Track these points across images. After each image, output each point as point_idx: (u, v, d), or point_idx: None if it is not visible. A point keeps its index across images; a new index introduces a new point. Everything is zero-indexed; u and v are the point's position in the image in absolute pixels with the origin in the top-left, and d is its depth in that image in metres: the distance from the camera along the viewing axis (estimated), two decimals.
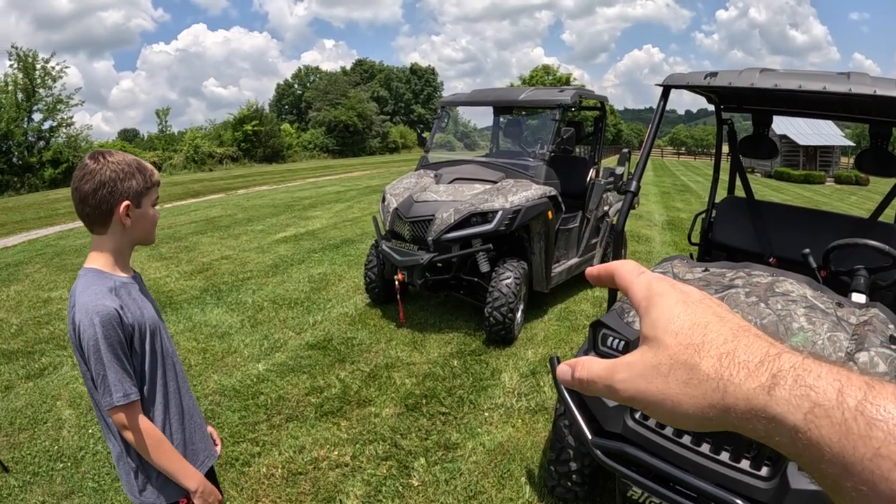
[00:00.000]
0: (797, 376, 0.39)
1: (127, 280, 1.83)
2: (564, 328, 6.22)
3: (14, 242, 11.86)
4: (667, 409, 0.45)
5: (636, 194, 3.55)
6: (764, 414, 0.39)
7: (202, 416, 2.12)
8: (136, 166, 1.77)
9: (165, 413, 1.88)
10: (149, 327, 1.82)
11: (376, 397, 4.69)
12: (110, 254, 1.80)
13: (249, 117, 46.30)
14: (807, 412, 0.37)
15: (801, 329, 2.60)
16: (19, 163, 31.93)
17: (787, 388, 0.39)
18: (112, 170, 1.71)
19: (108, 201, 1.71)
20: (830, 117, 4.58)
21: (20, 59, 32.75)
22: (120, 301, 1.73)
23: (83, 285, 1.72)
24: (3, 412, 4.49)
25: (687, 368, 0.44)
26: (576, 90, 6.85)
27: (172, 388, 1.92)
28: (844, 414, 0.36)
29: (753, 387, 0.40)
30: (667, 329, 0.47)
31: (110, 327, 1.66)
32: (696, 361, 0.43)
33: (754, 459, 2.35)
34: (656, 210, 16.20)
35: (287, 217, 14.13)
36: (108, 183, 1.70)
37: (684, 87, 3.65)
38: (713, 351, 0.43)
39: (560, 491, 3.30)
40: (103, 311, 1.65)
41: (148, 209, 1.82)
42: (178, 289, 7.75)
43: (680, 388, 0.44)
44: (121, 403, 1.67)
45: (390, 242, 6.06)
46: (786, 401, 0.38)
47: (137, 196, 1.76)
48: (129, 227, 1.77)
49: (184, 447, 1.93)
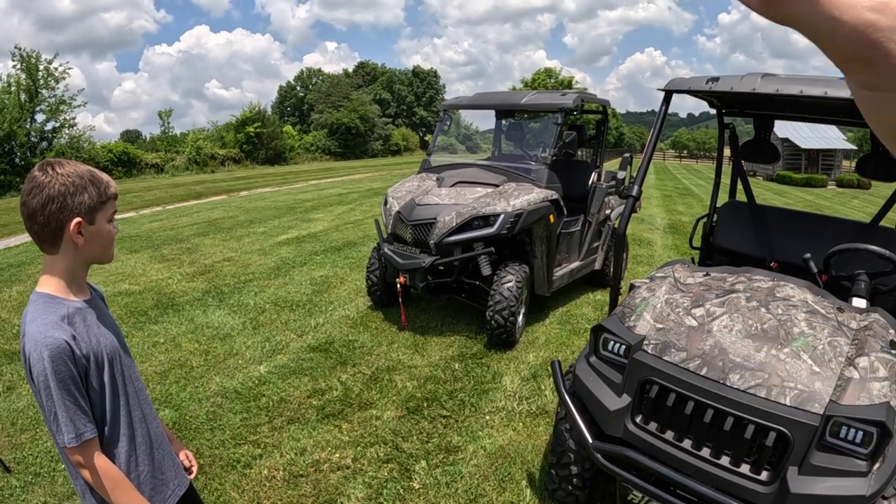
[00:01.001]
0: None
1: (81, 305, 1.69)
2: (566, 332, 6.23)
3: (16, 243, 11.85)
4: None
5: (637, 199, 3.56)
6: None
7: (170, 443, 1.99)
8: (88, 178, 1.62)
9: (131, 445, 1.75)
10: (106, 357, 1.68)
11: (378, 400, 4.69)
12: (63, 276, 1.66)
13: (252, 119, 46.25)
14: None
15: (802, 334, 2.61)
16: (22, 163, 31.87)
17: None
18: (62, 183, 1.57)
19: (58, 218, 1.57)
20: (832, 122, 4.59)
21: (23, 60, 32.74)
22: (73, 330, 1.60)
23: (33, 313, 1.59)
24: (5, 412, 4.50)
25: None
26: (578, 94, 6.86)
27: (137, 418, 1.79)
28: None
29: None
30: None
31: (60, 361, 1.52)
32: None
33: (754, 464, 2.36)
34: (658, 214, 16.19)
35: (289, 219, 14.15)
36: (58, 198, 1.56)
37: (686, 92, 3.66)
38: None
39: (561, 494, 3.30)
40: (53, 343, 1.52)
41: (103, 225, 1.67)
42: (179, 290, 7.76)
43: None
44: (72, 445, 1.55)
45: (392, 245, 6.07)
46: None
47: (90, 212, 1.62)
48: (81, 246, 1.63)
49: (152, 478, 1.82)
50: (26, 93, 33.15)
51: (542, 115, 8.06)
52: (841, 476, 2.19)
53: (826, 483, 2.19)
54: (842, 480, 2.18)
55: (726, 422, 2.38)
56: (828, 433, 2.25)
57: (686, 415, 2.50)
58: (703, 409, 2.46)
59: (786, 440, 2.27)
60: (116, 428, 1.71)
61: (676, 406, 2.55)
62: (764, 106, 4.22)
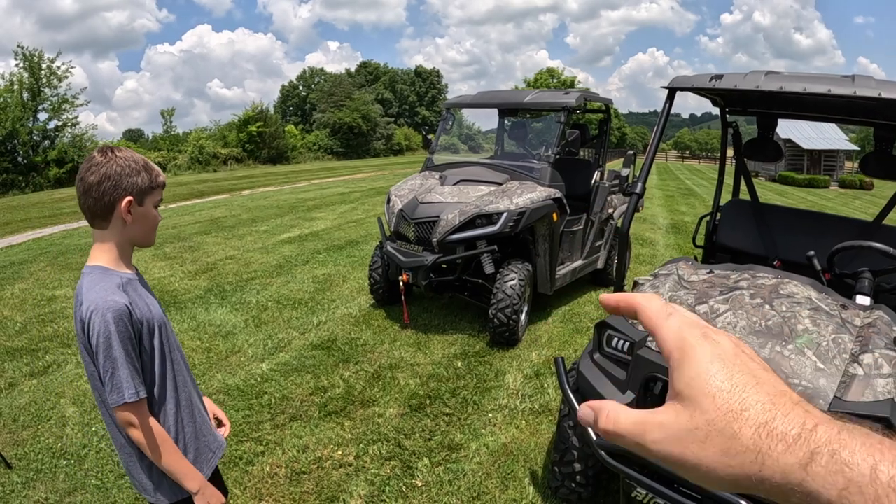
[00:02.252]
0: (833, 451, 0.39)
1: (131, 276, 1.81)
2: (568, 330, 6.22)
3: (19, 241, 11.89)
4: (701, 473, 0.44)
5: (641, 196, 3.55)
6: (800, 489, 0.40)
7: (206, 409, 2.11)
8: (142, 164, 1.75)
9: (177, 406, 1.87)
10: (156, 323, 1.80)
11: (380, 398, 4.69)
12: (112, 250, 1.77)
13: (254, 118, 46.35)
14: (841, 489, 0.38)
15: (806, 331, 2.60)
16: (24, 162, 31.97)
17: (823, 464, 0.39)
18: (119, 164, 1.69)
19: (111, 195, 1.69)
20: (835, 120, 4.58)
21: (26, 59, 32.81)
22: (128, 297, 1.71)
23: (90, 282, 1.70)
24: (7, 409, 4.51)
25: (725, 437, 0.43)
26: (581, 93, 6.86)
27: (181, 382, 1.90)
28: (878, 490, 0.37)
29: (791, 462, 0.40)
30: (704, 391, 0.45)
31: (122, 323, 1.64)
32: (735, 431, 0.43)
33: None
34: (660, 213, 16.18)
35: (291, 218, 14.16)
36: (113, 176, 1.68)
37: (690, 90, 3.66)
38: (752, 420, 0.43)
39: (564, 492, 3.30)
40: (115, 306, 1.63)
41: (150, 209, 1.80)
42: (182, 288, 7.77)
43: (717, 456, 0.43)
44: (132, 401, 1.64)
45: (395, 243, 6.07)
46: (822, 477, 0.39)
47: (141, 194, 1.74)
48: (129, 223, 1.75)
49: (196, 440, 1.92)
50: (29, 91, 33.22)
51: (545, 114, 8.05)
52: None
53: None
54: None
55: None
56: None
57: None
58: None
59: None
60: (164, 390, 1.83)
61: None
62: (767, 104, 4.21)
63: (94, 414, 4.38)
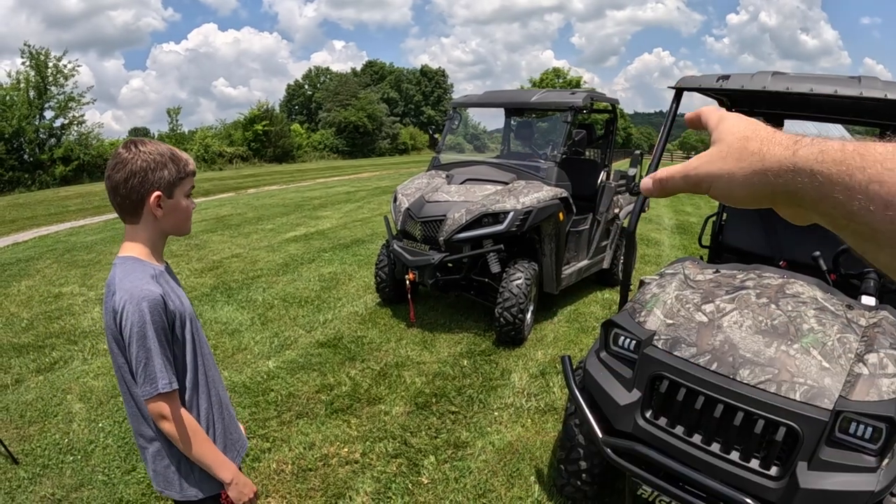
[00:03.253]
0: (813, 141, 0.54)
1: (163, 269, 1.81)
2: (574, 330, 6.23)
3: (25, 238, 11.94)
4: (725, 181, 0.60)
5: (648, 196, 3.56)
6: (791, 166, 0.54)
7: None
8: (168, 156, 1.73)
9: (209, 401, 1.87)
10: (188, 315, 1.80)
11: (386, 395, 4.71)
12: (145, 243, 1.77)
13: (260, 117, 46.33)
14: (818, 155, 0.52)
15: (812, 330, 2.61)
16: (31, 160, 32.00)
17: (806, 147, 0.53)
18: (143, 160, 1.68)
19: (139, 191, 1.68)
20: (842, 122, 4.57)
21: (32, 57, 32.87)
22: (162, 288, 1.71)
23: (123, 272, 1.69)
24: (14, 405, 4.54)
25: (740, 150, 0.59)
26: (587, 92, 6.86)
27: (212, 378, 1.91)
28: (845, 155, 0.50)
29: (782, 151, 0.55)
30: (729, 131, 0.62)
31: (157, 313, 1.64)
32: (746, 145, 0.59)
33: (764, 459, 2.36)
34: (665, 214, 16.15)
35: (297, 216, 14.18)
36: (139, 173, 1.67)
37: (696, 90, 3.67)
38: (758, 138, 0.58)
39: (569, 490, 3.31)
40: (150, 295, 1.64)
41: (181, 200, 1.79)
42: (188, 286, 7.79)
43: (734, 162, 0.59)
44: (166, 391, 1.64)
45: (401, 242, 6.08)
46: (804, 154, 0.53)
47: (169, 186, 1.73)
48: (160, 217, 1.74)
49: (224, 436, 1.93)
50: (35, 90, 33.26)
51: (551, 114, 8.05)
52: (850, 471, 2.19)
53: (835, 478, 2.19)
54: (851, 476, 2.19)
55: (736, 417, 2.39)
56: (837, 429, 2.26)
57: (696, 410, 2.50)
58: (713, 405, 2.46)
59: (795, 435, 2.27)
60: (196, 383, 1.83)
61: (686, 401, 2.55)
62: (774, 105, 4.21)
63: (101, 410, 4.41)
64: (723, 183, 0.60)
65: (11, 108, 31.42)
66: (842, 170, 0.50)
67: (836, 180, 0.50)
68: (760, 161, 0.56)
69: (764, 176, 0.56)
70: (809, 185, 0.53)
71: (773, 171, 0.55)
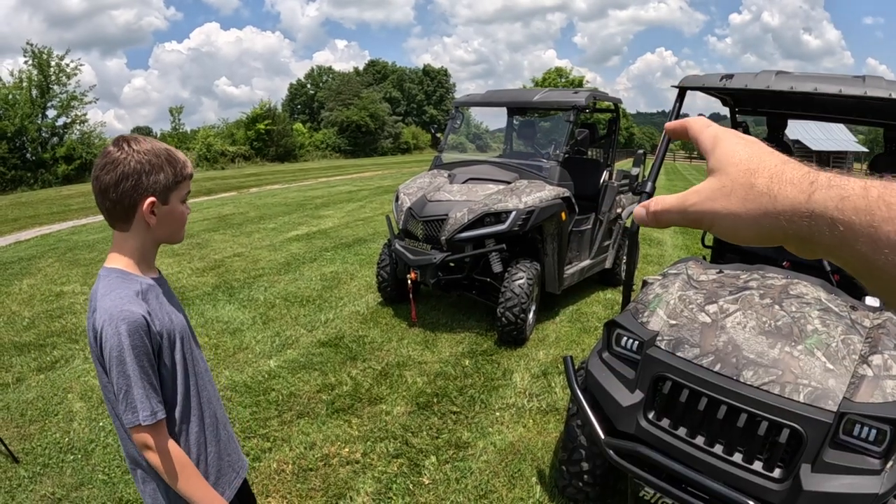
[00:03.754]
0: (830, 180, 0.49)
1: (152, 282, 1.65)
2: (576, 330, 6.21)
3: (27, 237, 11.95)
4: (729, 221, 0.55)
5: (651, 195, 3.54)
6: (806, 212, 0.49)
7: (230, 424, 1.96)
8: (165, 157, 1.55)
9: (201, 424, 1.71)
10: (178, 334, 1.64)
11: (387, 395, 4.70)
12: (134, 253, 1.60)
13: (262, 116, 46.44)
14: (838, 201, 0.47)
15: (816, 331, 2.60)
16: (33, 158, 32.08)
17: (823, 190, 0.48)
18: (137, 160, 1.49)
19: (132, 196, 1.50)
20: (845, 121, 4.56)
21: (35, 56, 32.93)
22: (148, 306, 1.55)
23: (106, 288, 1.53)
24: (15, 404, 4.53)
25: (746, 187, 0.53)
26: (590, 92, 6.85)
27: (206, 398, 1.75)
28: (869, 203, 0.45)
29: (796, 194, 0.50)
30: (729, 161, 0.56)
31: (137, 336, 1.47)
32: (753, 181, 0.53)
33: (767, 461, 2.34)
34: None
35: (299, 216, 14.19)
36: (133, 175, 1.49)
37: (700, 89, 3.65)
38: (765, 173, 0.53)
39: (571, 491, 3.29)
40: (130, 317, 1.47)
41: (176, 206, 1.61)
42: (190, 285, 7.80)
43: (740, 202, 0.53)
44: (147, 423, 1.48)
45: (403, 241, 6.06)
46: (821, 201, 0.48)
47: (165, 191, 1.55)
48: (153, 225, 1.57)
49: (218, 459, 1.77)
50: (38, 89, 33.34)
51: (553, 113, 8.04)
52: (854, 474, 2.18)
53: (839, 481, 2.18)
54: (855, 478, 2.17)
55: (739, 418, 2.37)
56: (841, 431, 2.24)
57: (699, 411, 2.49)
58: (716, 406, 2.45)
59: (799, 437, 2.26)
60: (188, 407, 1.67)
61: (689, 402, 2.54)
62: (777, 104, 4.20)
63: (102, 409, 4.40)
64: (727, 223, 0.55)
65: (14, 106, 31.50)
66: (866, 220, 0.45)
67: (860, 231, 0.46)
68: (771, 202, 0.51)
69: (776, 219, 0.51)
70: (828, 234, 0.48)
71: (785, 215, 0.51)
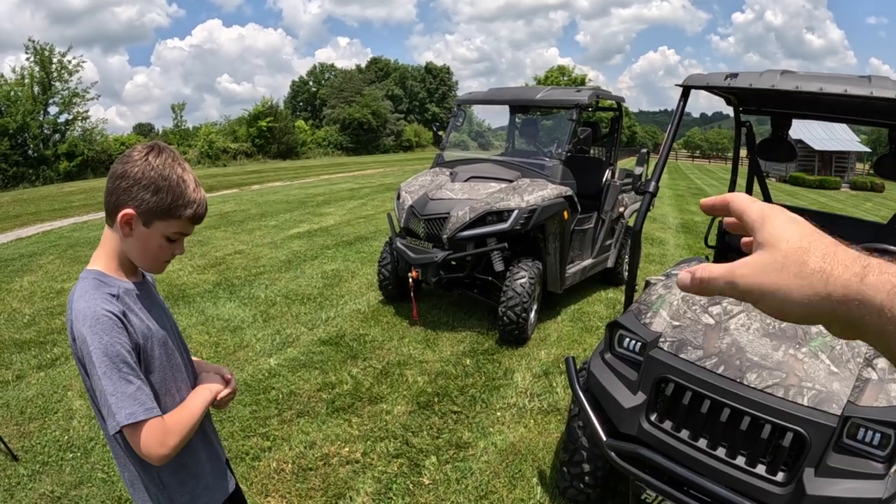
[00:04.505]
0: (882, 268, 0.51)
1: (131, 286, 1.56)
2: (578, 329, 6.19)
3: (28, 234, 11.93)
4: (779, 298, 0.55)
5: (655, 195, 3.51)
6: (857, 296, 0.50)
7: (218, 435, 1.87)
8: (172, 185, 1.49)
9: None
10: (157, 342, 1.56)
11: (388, 394, 4.68)
12: (115, 254, 1.54)
13: (264, 114, 46.45)
14: (889, 291, 0.49)
15: (820, 333, 2.58)
16: (35, 155, 32.19)
17: (875, 275, 0.50)
18: (143, 171, 1.46)
19: (119, 197, 1.47)
20: (850, 121, 4.52)
21: (37, 53, 32.99)
22: (123, 307, 1.48)
23: (81, 290, 1.48)
24: (15, 401, 4.52)
25: (798, 264, 0.55)
26: (593, 90, 6.82)
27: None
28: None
29: (849, 276, 0.51)
30: (780, 237, 0.57)
31: (108, 334, 1.40)
32: (805, 259, 0.55)
33: (770, 464, 2.32)
34: (671, 213, 16.12)
35: (300, 213, 14.16)
36: (130, 178, 1.45)
37: (704, 88, 3.62)
38: (818, 252, 0.54)
39: (572, 493, 3.28)
40: (104, 318, 1.41)
41: (156, 236, 1.52)
42: (190, 282, 7.78)
43: (791, 279, 0.54)
44: (131, 421, 1.39)
45: (405, 240, 6.05)
46: (874, 285, 0.50)
47: (148, 214, 1.48)
48: (127, 238, 1.51)
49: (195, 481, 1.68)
50: (40, 85, 33.44)
51: (556, 112, 8.01)
52: (857, 478, 2.16)
53: (842, 485, 2.16)
54: (858, 483, 2.15)
55: (743, 421, 2.35)
56: (845, 434, 2.22)
57: (702, 413, 2.47)
58: (719, 408, 2.43)
59: (803, 441, 2.24)
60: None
61: (692, 405, 2.52)
62: (781, 104, 4.17)
63: None
64: (776, 298, 0.56)
65: (16, 103, 31.59)
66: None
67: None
68: (823, 282, 0.53)
69: (826, 299, 0.52)
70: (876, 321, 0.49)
71: (836, 296, 0.52)
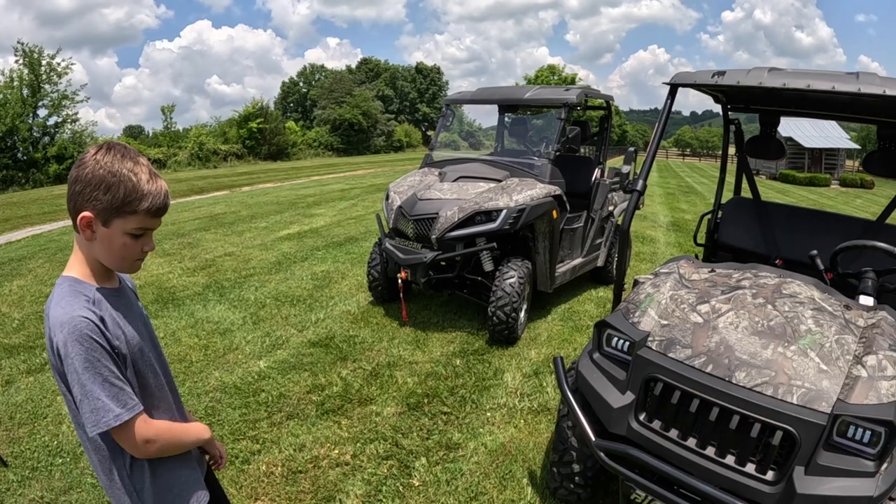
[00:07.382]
0: None
1: (107, 293, 1.55)
2: (568, 328, 6.19)
3: (18, 237, 11.86)
4: None
5: (642, 193, 3.51)
6: None
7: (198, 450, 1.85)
8: (124, 179, 1.45)
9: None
10: (133, 349, 1.55)
11: (378, 396, 4.66)
12: (88, 261, 1.53)
13: (254, 115, 46.37)
14: None
15: (809, 331, 2.57)
16: (24, 158, 32.03)
17: None
18: (93, 170, 1.43)
19: (76, 202, 1.45)
20: (839, 118, 4.54)
21: (26, 55, 32.81)
22: (100, 312, 1.47)
23: (57, 296, 1.46)
24: (4, 406, 4.48)
25: None
26: (582, 89, 6.81)
27: (165, 418, 1.66)
28: None
29: None
30: None
31: (89, 341, 1.40)
32: None
33: (760, 463, 2.31)
34: (661, 211, 16.15)
35: (291, 214, 14.12)
36: (83, 181, 1.43)
37: (692, 86, 3.61)
38: None
39: (562, 493, 3.26)
40: (80, 323, 1.39)
41: (117, 235, 1.49)
42: (180, 285, 7.73)
43: None
44: (116, 424, 1.41)
45: (394, 240, 6.03)
46: None
47: (105, 213, 1.45)
48: (91, 241, 1.49)
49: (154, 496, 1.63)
50: (29, 88, 33.28)
51: (545, 111, 8.01)
52: (848, 476, 2.15)
53: (833, 483, 2.15)
54: (849, 481, 2.14)
55: (732, 420, 2.34)
56: (835, 432, 2.21)
57: (691, 413, 2.46)
58: (708, 407, 2.42)
59: (792, 439, 2.23)
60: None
61: (681, 404, 2.51)
62: (770, 101, 4.18)
63: None
64: None
65: (5, 106, 31.42)
66: None
67: None
68: None
69: None
70: None
71: None
